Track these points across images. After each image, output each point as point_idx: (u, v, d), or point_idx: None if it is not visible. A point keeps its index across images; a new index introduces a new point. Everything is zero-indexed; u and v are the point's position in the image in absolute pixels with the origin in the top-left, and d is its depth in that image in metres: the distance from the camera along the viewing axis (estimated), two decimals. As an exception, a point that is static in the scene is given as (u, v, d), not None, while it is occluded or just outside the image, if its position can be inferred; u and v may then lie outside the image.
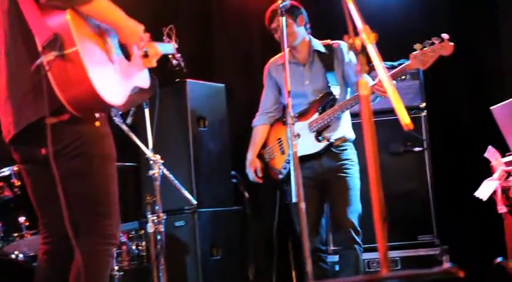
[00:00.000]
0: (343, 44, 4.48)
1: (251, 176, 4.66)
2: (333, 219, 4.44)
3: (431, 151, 5.44)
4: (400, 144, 5.41)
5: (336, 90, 4.42)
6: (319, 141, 4.40)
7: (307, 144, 4.39)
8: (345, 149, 4.44)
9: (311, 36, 4.58)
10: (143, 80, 3.15)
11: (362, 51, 2.26)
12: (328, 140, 4.38)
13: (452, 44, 3.97)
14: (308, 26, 4.57)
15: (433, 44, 3.99)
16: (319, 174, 4.43)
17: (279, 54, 4.61)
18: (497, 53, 6.11)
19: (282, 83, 4.57)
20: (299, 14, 4.51)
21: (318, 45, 4.56)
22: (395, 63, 5.51)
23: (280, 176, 4.53)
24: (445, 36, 3.97)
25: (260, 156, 4.68)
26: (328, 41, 4.57)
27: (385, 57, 4.65)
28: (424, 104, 5.49)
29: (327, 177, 4.41)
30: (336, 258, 5.01)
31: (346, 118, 4.50)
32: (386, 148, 5.37)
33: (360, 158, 4.47)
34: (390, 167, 5.36)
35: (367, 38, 2.22)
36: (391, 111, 5.30)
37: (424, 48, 4.01)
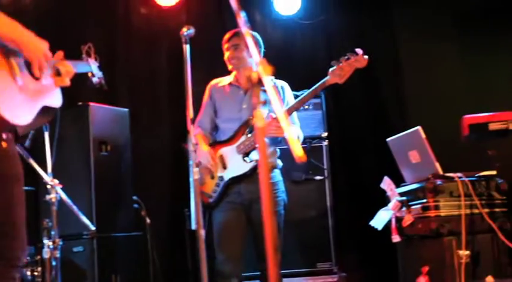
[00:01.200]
0: (285, 84, 4.60)
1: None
2: (259, 251, 4.40)
3: (331, 180, 5.56)
4: (302, 172, 5.51)
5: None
6: (246, 162, 4.42)
7: (236, 166, 4.42)
8: (273, 178, 4.46)
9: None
10: (55, 99, 3.08)
11: (258, 84, 2.29)
12: (255, 161, 4.40)
13: (366, 57, 4.12)
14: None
15: (348, 58, 4.14)
16: (246, 200, 4.43)
17: (224, 77, 4.68)
18: (399, 84, 6.35)
19: (220, 106, 4.61)
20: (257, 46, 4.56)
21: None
22: (298, 93, 5.65)
23: (211, 200, 4.51)
24: (359, 51, 4.12)
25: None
26: (273, 78, 4.63)
27: (294, 88, 4.76)
28: (326, 134, 5.63)
29: (255, 204, 4.41)
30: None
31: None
32: (289, 176, 5.44)
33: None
34: (292, 194, 5.41)
35: (264, 71, 2.26)
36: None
37: (341, 64, 4.14)
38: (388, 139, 4.54)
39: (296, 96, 5.63)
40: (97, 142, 5.21)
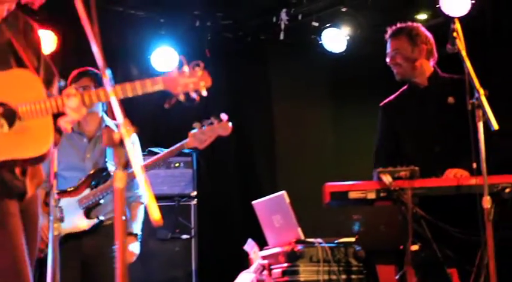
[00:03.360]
0: (136, 139, 4.46)
1: None
2: None
3: (198, 239, 5.55)
4: (169, 231, 5.48)
5: (111, 167, 4.34)
6: (88, 218, 4.27)
7: (75, 221, 4.18)
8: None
9: (105, 114, 4.48)
10: (32, 148, 2.74)
11: (120, 145, 2.28)
12: (97, 218, 4.26)
13: (230, 124, 4.00)
14: (106, 107, 4.44)
15: (211, 123, 3.99)
16: (84, 255, 4.28)
17: None
18: (271, 146, 6.48)
19: (62, 153, 4.18)
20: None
21: (110, 122, 4.43)
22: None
23: (43, 255, 4.33)
24: (223, 116, 3.98)
25: None
26: None
27: (166, 144, 4.76)
28: (195, 193, 5.64)
29: (93, 258, 4.29)
30: None
31: None
32: (155, 234, 5.40)
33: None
34: (157, 253, 5.39)
35: (125, 132, 2.25)
36: (162, 198, 5.37)
37: (203, 128, 4.00)
38: (253, 202, 4.59)
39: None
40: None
